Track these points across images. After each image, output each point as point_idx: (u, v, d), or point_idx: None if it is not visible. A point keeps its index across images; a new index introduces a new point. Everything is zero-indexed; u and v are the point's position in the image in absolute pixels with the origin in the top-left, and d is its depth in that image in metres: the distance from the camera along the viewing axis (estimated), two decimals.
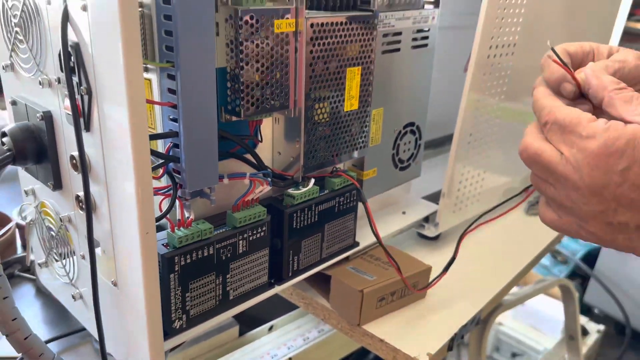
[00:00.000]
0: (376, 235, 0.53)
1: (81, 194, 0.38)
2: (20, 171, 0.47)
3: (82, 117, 0.35)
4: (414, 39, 0.57)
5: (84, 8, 0.32)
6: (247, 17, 0.40)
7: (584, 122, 0.34)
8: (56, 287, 0.50)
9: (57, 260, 0.47)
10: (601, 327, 1.62)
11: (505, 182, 0.74)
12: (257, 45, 0.41)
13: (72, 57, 0.34)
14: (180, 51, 0.36)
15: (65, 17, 0.33)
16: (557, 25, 0.68)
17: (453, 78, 0.76)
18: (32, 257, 0.53)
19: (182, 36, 0.36)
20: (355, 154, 0.54)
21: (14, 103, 0.42)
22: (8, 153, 0.39)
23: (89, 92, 0.34)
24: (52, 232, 0.45)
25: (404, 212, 0.67)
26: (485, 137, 0.65)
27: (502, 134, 0.68)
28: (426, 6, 0.57)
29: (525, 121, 0.73)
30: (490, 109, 0.63)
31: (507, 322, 1.57)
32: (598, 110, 0.37)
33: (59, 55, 0.35)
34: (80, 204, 0.38)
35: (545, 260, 2.08)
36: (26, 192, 0.47)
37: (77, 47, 0.34)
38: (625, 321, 1.91)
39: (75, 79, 0.34)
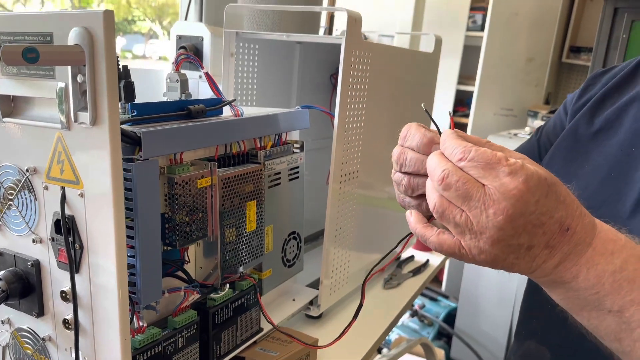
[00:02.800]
0: (269, 322, 0.72)
1: (69, 317, 0.52)
2: None
3: (74, 264, 0.51)
4: (289, 175, 0.80)
5: (82, 195, 0.49)
6: (178, 182, 0.59)
7: (503, 161, 0.41)
8: None
9: None
10: None
11: (370, 259, 0.98)
12: (186, 198, 0.61)
13: (68, 225, 0.50)
14: (138, 212, 0.54)
15: (63, 198, 0.50)
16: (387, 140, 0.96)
17: (319, 185, 1.00)
18: None
19: (139, 202, 0.54)
20: (256, 261, 0.74)
21: (0, 254, 0.56)
22: (3, 294, 0.53)
23: (82, 247, 0.50)
24: (28, 352, 0.58)
25: (293, 299, 0.86)
26: (349, 229, 0.89)
27: (360, 224, 0.92)
28: (295, 151, 0.81)
29: (378, 206, 0.99)
30: (349, 207, 0.87)
31: None
32: None
33: (55, 222, 0.51)
34: (68, 325, 0.53)
35: (415, 325, 2.36)
36: (2, 322, 0.59)
37: (72, 218, 0.50)
38: None
39: (70, 239, 0.51)
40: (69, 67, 0.46)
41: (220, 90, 0.72)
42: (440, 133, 0.49)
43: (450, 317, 2.46)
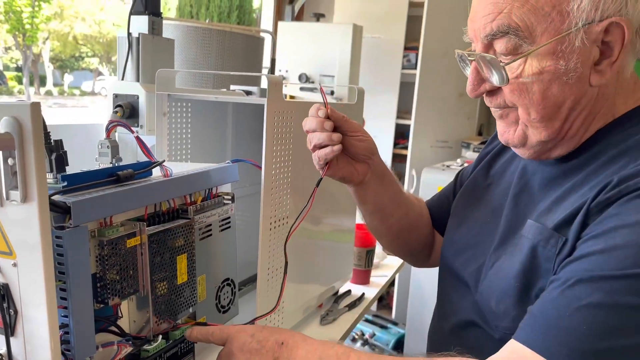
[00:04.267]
0: None
1: None
2: None
3: (9, 328, 0.55)
4: (221, 225, 0.86)
5: (15, 264, 0.54)
6: (108, 243, 0.64)
7: (230, 326, 0.74)
8: None
9: None
10: None
11: (307, 295, 1.04)
12: (116, 258, 0.66)
13: (2, 292, 0.55)
14: (70, 275, 0.59)
15: None
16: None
17: (257, 227, 1.06)
18: None
19: (71, 266, 0.59)
20: (190, 310, 0.79)
21: None
22: None
23: (16, 312, 0.55)
24: None
25: None
26: (279, 270, 0.95)
27: (294, 263, 0.98)
28: (226, 202, 0.87)
29: (311, 243, 1.05)
30: (281, 250, 0.94)
31: None
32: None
33: None
34: None
35: None
36: None
37: (6, 286, 0.55)
38: None
39: (5, 305, 0.55)
40: (0, 152, 0.51)
41: (150, 151, 0.79)
42: (326, 106, 0.80)
43: (400, 344, 2.54)
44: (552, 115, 0.65)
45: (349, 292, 1.28)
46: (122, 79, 1.15)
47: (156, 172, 0.77)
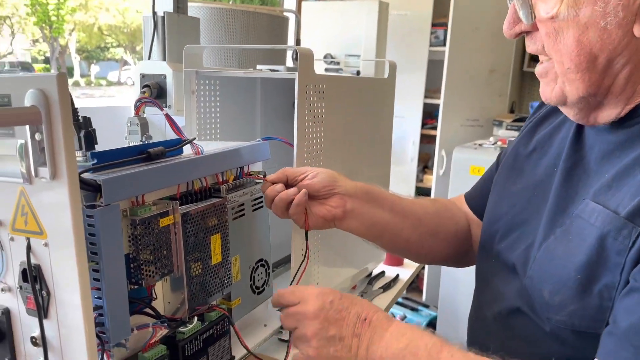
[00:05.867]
0: (245, 347, 0.75)
1: None
2: None
3: (42, 310, 0.53)
4: (253, 205, 0.83)
5: (46, 244, 0.52)
6: (140, 223, 0.62)
7: (303, 286, 0.70)
8: None
9: None
10: None
11: (340, 276, 1.01)
12: (149, 237, 0.64)
13: (34, 273, 0.53)
14: (103, 255, 0.57)
15: (29, 249, 0.53)
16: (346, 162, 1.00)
17: None
18: None
19: (103, 246, 0.57)
20: (224, 291, 0.77)
21: None
22: None
23: (48, 294, 0.53)
24: None
25: (265, 325, 0.89)
26: (316, 250, 0.92)
27: (326, 244, 0.95)
28: (258, 181, 0.84)
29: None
30: (313, 231, 0.91)
31: None
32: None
33: (22, 271, 0.54)
34: None
35: None
36: None
37: (38, 267, 0.53)
38: None
39: (37, 286, 0.53)
40: (27, 126, 0.49)
41: (181, 129, 0.76)
42: (263, 178, 0.84)
43: (432, 326, 2.51)
44: (588, 65, 0.60)
45: (382, 273, 1.25)
46: (149, 59, 1.13)
47: (187, 150, 0.74)
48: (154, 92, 1.07)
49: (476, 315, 0.81)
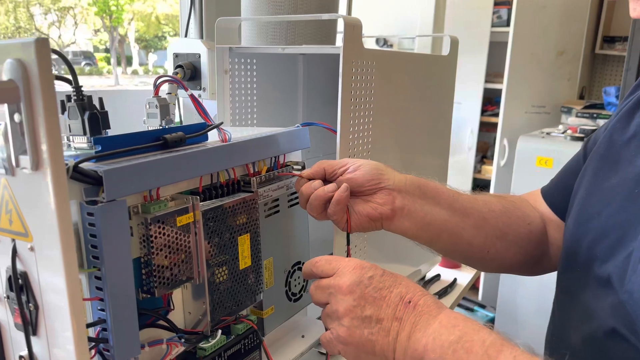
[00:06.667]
0: None
1: None
2: None
3: (30, 325, 0.45)
4: (289, 200, 0.73)
5: (32, 249, 0.43)
6: (153, 221, 0.53)
7: (341, 257, 0.59)
8: None
9: None
10: None
11: None
12: (164, 239, 0.54)
13: (21, 282, 0.44)
14: (105, 260, 0.48)
15: (14, 253, 0.44)
16: (399, 151, 0.88)
17: None
18: None
19: (105, 249, 0.48)
20: (255, 300, 0.67)
21: None
22: None
23: (36, 307, 0.44)
24: None
25: (302, 336, 0.79)
26: (361, 249, 0.81)
27: (374, 243, 0.84)
28: (295, 171, 0.74)
29: None
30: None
31: None
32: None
33: (9, 279, 0.46)
34: None
35: None
36: None
37: (24, 274, 0.44)
38: None
39: (24, 297, 0.45)
40: (6, 105, 0.40)
41: (207, 113, 0.66)
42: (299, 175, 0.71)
43: None
44: None
45: (438, 277, 1.12)
46: (186, 36, 1.04)
47: (214, 137, 0.64)
48: (188, 73, 0.98)
49: (558, 336, 0.67)
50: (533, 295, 2.11)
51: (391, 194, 0.66)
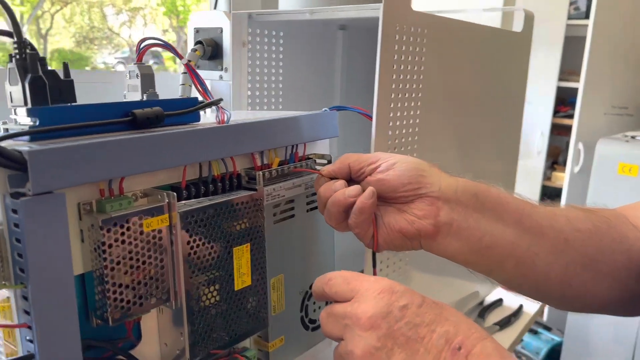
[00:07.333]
0: None
1: None
2: None
3: None
4: (309, 203, 0.57)
5: None
6: (108, 225, 0.39)
7: (365, 275, 0.42)
8: None
9: None
10: None
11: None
12: (125, 248, 0.40)
13: None
14: (30, 274, 0.35)
15: None
16: (453, 148, 0.70)
17: None
18: None
19: (30, 260, 0.35)
20: (257, 329, 0.52)
21: None
22: None
23: None
24: None
25: None
26: (399, 264, 0.64)
27: (415, 259, 0.67)
28: (318, 166, 0.58)
29: None
30: None
31: None
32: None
33: None
34: None
35: None
36: None
37: None
38: None
39: None
40: None
41: (206, 88, 0.52)
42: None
43: (554, 354, 2.09)
44: None
45: (499, 302, 0.93)
46: (215, 8, 0.91)
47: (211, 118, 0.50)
48: (208, 50, 0.84)
49: None
50: (610, 320, 1.84)
51: (435, 204, 0.49)
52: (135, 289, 0.41)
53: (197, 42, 0.86)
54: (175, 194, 0.43)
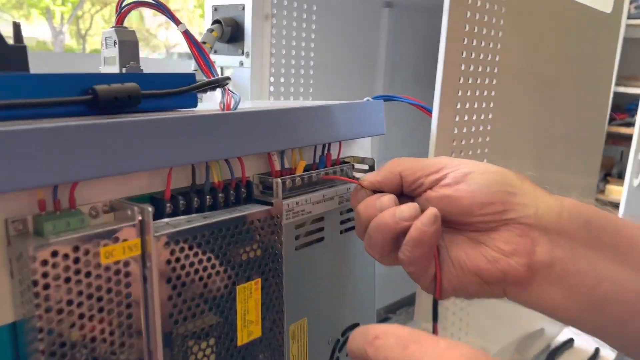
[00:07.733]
0: None
1: None
2: None
3: None
4: (344, 222, 0.43)
5: None
6: (46, 255, 0.26)
7: (430, 336, 0.28)
8: None
9: None
10: None
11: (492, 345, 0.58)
12: (71, 289, 0.27)
13: None
14: None
15: None
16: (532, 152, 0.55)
17: None
18: None
19: None
20: None
21: None
22: None
23: None
24: None
25: None
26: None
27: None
28: (357, 174, 0.44)
29: None
30: None
31: None
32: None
33: None
34: None
35: None
36: None
37: None
38: None
39: None
40: None
41: (210, 65, 0.38)
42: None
43: None
44: None
45: (570, 342, 0.77)
46: None
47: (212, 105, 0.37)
48: (227, 31, 0.71)
49: None
50: None
51: (529, 235, 0.34)
52: (88, 349, 0.28)
53: (215, 22, 0.73)
54: (152, 208, 0.29)
